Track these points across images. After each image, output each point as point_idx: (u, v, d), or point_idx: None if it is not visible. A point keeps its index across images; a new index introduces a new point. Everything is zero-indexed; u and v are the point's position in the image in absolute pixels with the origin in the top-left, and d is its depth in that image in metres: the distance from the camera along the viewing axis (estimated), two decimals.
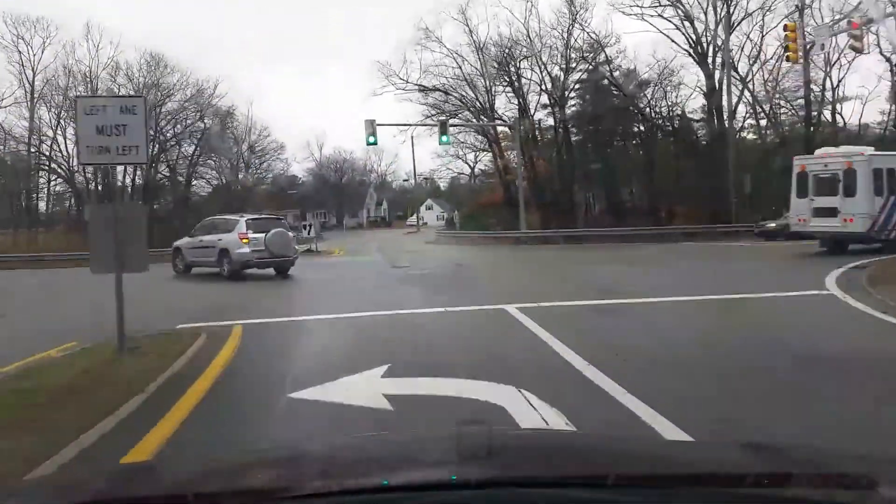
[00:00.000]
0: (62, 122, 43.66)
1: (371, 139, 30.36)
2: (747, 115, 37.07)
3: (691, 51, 35.30)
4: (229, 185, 63.75)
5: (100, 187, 46.53)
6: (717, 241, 27.97)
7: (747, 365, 6.75)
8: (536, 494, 1.19)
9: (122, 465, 2.90)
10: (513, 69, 38.27)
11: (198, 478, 1.55)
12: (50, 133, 43.73)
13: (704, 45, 35.02)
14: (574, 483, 1.27)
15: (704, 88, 35.39)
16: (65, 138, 44.02)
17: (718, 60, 34.74)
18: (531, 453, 1.59)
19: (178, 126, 46.33)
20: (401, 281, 17.24)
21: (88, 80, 42.41)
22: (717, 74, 34.73)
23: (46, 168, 46.32)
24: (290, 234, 19.38)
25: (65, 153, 45.23)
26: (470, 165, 66.71)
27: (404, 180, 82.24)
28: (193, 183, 57.06)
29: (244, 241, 18.24)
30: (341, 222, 77.81)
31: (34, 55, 41.65)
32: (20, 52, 41.40)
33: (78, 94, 42.39)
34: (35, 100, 41.11)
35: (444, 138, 31.34)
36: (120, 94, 43.98)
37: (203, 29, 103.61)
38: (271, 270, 18.91)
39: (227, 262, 18.40)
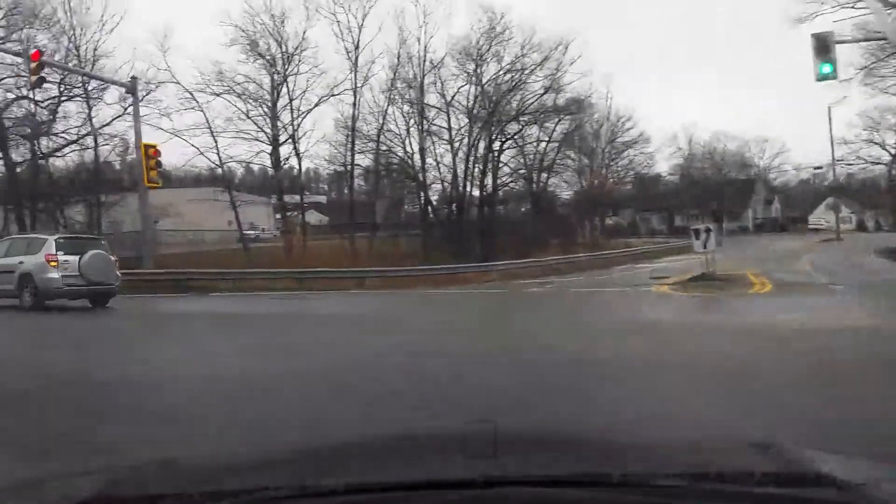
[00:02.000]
0: (403, 114, 35.06)
1: (825, 67, 15.24)
2: None
3: None
4: (586, 186, 51.67)
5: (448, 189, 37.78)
6: None
7: None
8: (542, 493, 1.13)
9: (128, 463, 1.93)
10: None
11: (204, 475, 1.46)
12: (392, 127, 35.25)
13: None
14: (580, 482, 1.20)
15: None
16: (406, 131, 35.44)
17: None
18: (537, 452, 1.50)
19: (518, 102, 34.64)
20: None
21: (420, 53, 32.82)
22: None
23: (395, 167, 38.84)
24: (112, 257, 15.20)
25: (409, 149, 36.59)
26: (890, 151, 45.77)
27: (816, 168, 61.00)
28: (551, 182, 46.09)
29: (53, 264, 14.13)
30: (720, 226, 60.18)
31: (357, 25, 32.20)
32: (339, 21, 32.14)
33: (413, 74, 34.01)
34: (361, 84, 32.65)
35: None
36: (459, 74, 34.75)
37: None
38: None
39: (31, 292, 14.32)
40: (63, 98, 27.96)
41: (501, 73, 33.75)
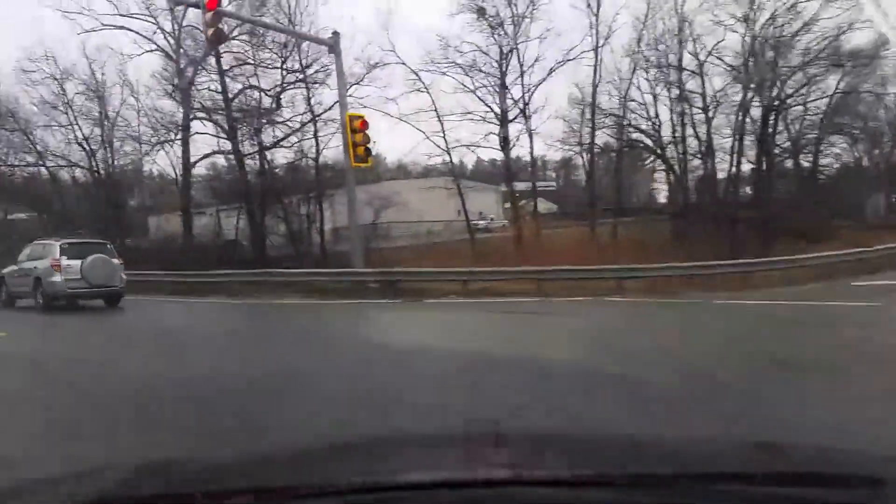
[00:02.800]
0: (649, 78, 28.00)
1: None
2: None
3: None
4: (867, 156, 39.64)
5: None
6: None
7: None
8: (545, 494, 1.09)
9: (128, 464, 1.81)
10: None
11: (204, 475, 1.42)
12: (635, 95, 28.32)
13: None
14: (583, 482, 1.14)
15: None
16: (653, 98, 28.30)
17: None
18: (540, 452, 1.45)
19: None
20: None
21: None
22: None
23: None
24: (116, 260, 15.36)
25: (655, 120, 29.27)
26: None
27: None
28: (823, 153, 35.51)
29: (56, 269, 14.55)
30: None
31: None
32: None
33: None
34: (603, 42, 26.18)
35: None
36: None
37: None
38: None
39: (41, 294, 14.88)
40: (286, 85, 25.79)
41: (783, 8, 25.03)
